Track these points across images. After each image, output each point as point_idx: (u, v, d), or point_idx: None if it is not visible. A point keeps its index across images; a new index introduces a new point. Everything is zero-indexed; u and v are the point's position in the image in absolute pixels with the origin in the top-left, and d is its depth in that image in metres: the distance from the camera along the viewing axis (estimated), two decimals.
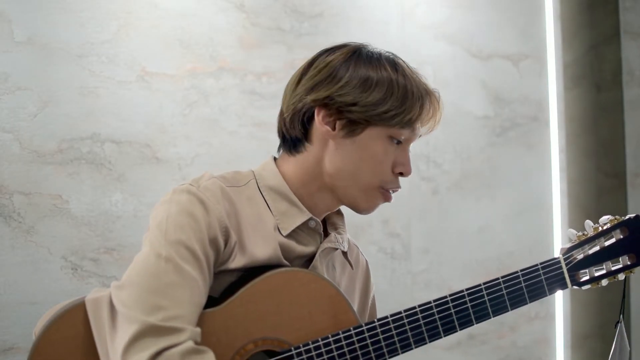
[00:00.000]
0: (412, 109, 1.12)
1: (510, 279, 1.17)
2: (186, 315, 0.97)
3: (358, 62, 1.12)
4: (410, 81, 1.13)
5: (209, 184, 1.08)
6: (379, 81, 1.10)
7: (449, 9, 2.47)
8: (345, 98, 1.10)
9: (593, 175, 2.74)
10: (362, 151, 1.12)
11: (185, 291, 0.98)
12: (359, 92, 1.10)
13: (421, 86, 1.14)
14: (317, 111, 1.12)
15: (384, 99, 1.10)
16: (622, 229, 1.22)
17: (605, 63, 2.70)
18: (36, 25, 1.67)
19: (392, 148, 1.14)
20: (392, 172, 1.15)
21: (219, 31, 1.96)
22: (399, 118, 1.11)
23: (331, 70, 1.12)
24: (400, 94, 1.11)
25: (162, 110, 1.85)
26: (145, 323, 0.93)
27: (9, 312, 1.60)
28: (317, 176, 1.15)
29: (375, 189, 1.15)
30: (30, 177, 1.65)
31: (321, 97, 1.11)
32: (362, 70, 1.11)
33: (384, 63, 1.13)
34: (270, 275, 1.08)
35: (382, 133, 1.12)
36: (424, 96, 1.14)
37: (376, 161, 1.13)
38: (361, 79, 1.11)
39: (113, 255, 1.75)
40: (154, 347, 0.92)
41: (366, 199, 1.16)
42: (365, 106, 1.10)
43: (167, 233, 1.01)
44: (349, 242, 1.29)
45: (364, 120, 1.10)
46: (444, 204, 2.44)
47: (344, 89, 1.10)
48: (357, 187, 1.14)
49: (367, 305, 1.35)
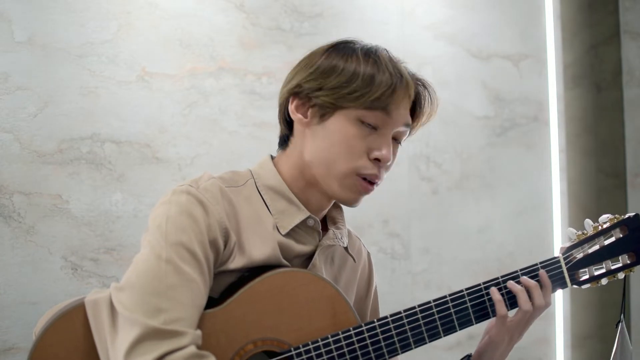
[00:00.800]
0: (379, 89, 1.09)
1: (509, 278, 1.17)
2: (187, 318, 0.97)
3: (331, 53, 1.14)
4: (381, 67, 1.11)
5: (209, 184, 1.08)
6: (345, 68, 1.11)
7: (449, 9, 2.47)
8: (311, 84, 1.12)
9: (593, 175, 2.74)
10: (332, 135, 1.11)
11: (186, 293, 0.98)
12: (324, 78, 1.11)
13: (395, 73, 1.11)
14: (291, 100, 1.15)
15: (349, 81, 1.10)
16: (621, 228, 1.22)
17: (605, 63, 2.70)
18: (36, 25, 1.67)
19: (364, 132, 1.11)
20: (367, 158, 1.11)
21: (219, 31, 1.96)
22: (364, 98, 1.09)
23: (307, 61, 1.16)
24: (366, 77, 1.10)
25: (162, 110, 1.85)
26: (147, 326, 0.93)
27: (9, 312, 1.60)
28: (302, 170, 1.16)
29: (350, 176, 1.11)
30: (30, 177, 1.65)
31: (292, 86, 1.15)
32: (333, 60, 1.13)
33: (357, 54, 1.13)
34: (269, 275, 1.08)
35: (350, 115, 1.10)
36: (395, 81, 1.11)
37: (346, 145, 1.10)
38: (328, 66, 1.12)
39: (113, 255, 1.75)
40: (157, 351, 0.92)
41: (342, 187, 1.12)
42: (331, 89, 1.10)
43: (168, 234, 1.01)
44: (350, 235, 1.30)
45: (331, 104, 1.11)
46: (444, 204, 2.44)
47: (311, 75, 1.13)
48: (333, 174, 1.12)
49: (370, 296, 1.36)
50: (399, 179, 2.33)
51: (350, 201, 1.15)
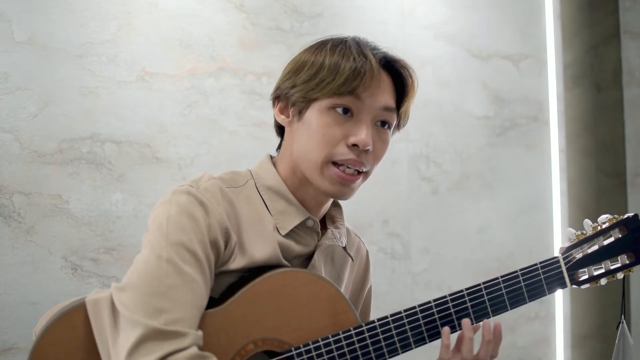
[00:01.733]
0: (343, 74, 1.09)
1: (509, 278, 1.17)
2: (188, 318, 0.97)
3: (306, 51, 1.16)
4: (346, 54, 1.11)
5: (209, 185, 1.08)
6: (313, 62, 1.13)
7: (449, 9, 2.47)
8: (286, 84, 1.15)
9: (593, 175, 2.74)
10: (309, 128, 1.12)
11: (187, 293, 0.98)
12: (295, 75, 1.14)
13: (360, 57, 1.11)
14: (275, 104, 1.19)
15: (315, 73, 1.11)
16: (620, 228, 1.22)
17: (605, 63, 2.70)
18: (36, 25, 1.67)
19: (339, 120, 1.11)
20: (345, 144, 1.11)
21: (219, 31, 1.96)
22: (330, 86, 1.10)
23: (287, 65, 1.19)
24: (331, 66, 1.11)
25: (162, 110, 1.85)
26: (149, 327, 0.93)
27: (9, 312, 1.60)
28: (295, 168, 1.17)
29: (326, 164, 1.11)
30: (30, 177, 1.65)
31: (274, 90, 1.19)
32: (305, 57, 1.15)
33: (327, 48, 1.14)
34: (270, 275, 1.08)
35: (322, 105, 1.11)
36: (359, 65, 1.10)
37: (321, 134, 1.11)
38: (298, 63, 1.15)
39: (113, 255, 1.75)
40: (159, 352, 0.93)
41: (323, 179, 1.12)
42: (302, 84, 1.12)
43: (168, 234, 1.01)
44: (348, 233, 1.30)
45: (303, 98, 1.12)
46: (444, 204, 2.44)
47: (286, 75, 1.16)
48: (312, 166, 1.12)
49: (363, 294, 1.36)
50: (399, 179, 2.33)
51: (337, 194, 1.14)
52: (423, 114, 2.38)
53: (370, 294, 1.39)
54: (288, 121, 1.16)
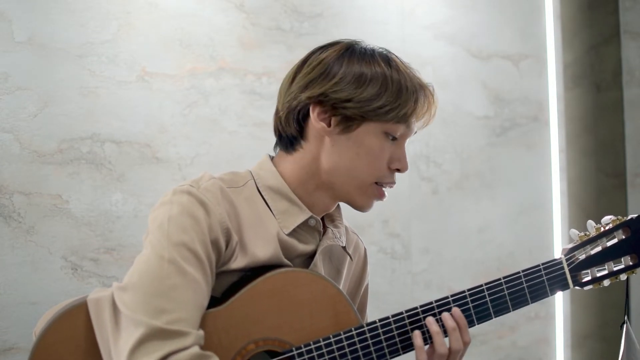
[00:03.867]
0: (407, 103, 1.11)
1: (511, 279, 1.17)
2: (190, 318, 0.97)
3: (351, 58, 1.13)
4: (404, 76, 1.13)
5: (209, 184, 1.08)
6: (373, 77, 1.11)
7: (449, 9, 2.47)
8: (339, 94, 1.11)
9: (593, 175, 2.74)
10: (357, 147, 1.12)
11: (189, 293, 0.98)
12: (354, 88, 1.10)
13: (415, 80, 1.14)
14: (312, 108, 1.13)
15: (379, 94, 1.10)
16: (624, 230, 1.22)
17: (605, 63, 2.70)
18: (36, 25, 1.67)
19: (387, 144, 1.14)
20: (387, 168, 1.15)
21: (219, 31, 1.96)
22: (393, 113, 1.10)
23: (325, 67, 1.13)
24: (394, 88, 1.11)
25: (162, 110, 1.85)
26: (150, 326, 0.93)
27: (9, 312, 1.60)
28: (314, 174, 1.15)
29: (370, 185, 1.15)
30: (30, 177, 1.64)
31: (316, 94, 1.12)
32: (356, 66, 1.12)
33: (377, 59, 1.13)
34: (271, 275, 1.08)
35: (377, 129, 1.12)
36: (418, 90, 1.13)
37: (372, 157, 1.13)
38: (355, 74, 1.11)
39: (113, 255, 1.74)
40: (161, 351, 0.93)
41: (362, 196, 1.16)
42: (360, 102, 1.10)
43: (170, 234, 1.01)
44: (347, 231, 1.30)
45: (359, 116, 1.11)
46: (444, 204, 2.44)
47: (339, 85, 1.11)
48: (354, 183, 1.14)
49: (360, 292, 1.36)
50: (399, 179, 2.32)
51: (365, 207, 1.18)
52: None
53: (367, 292, 1.39)
54: (327, 130, 1.13)
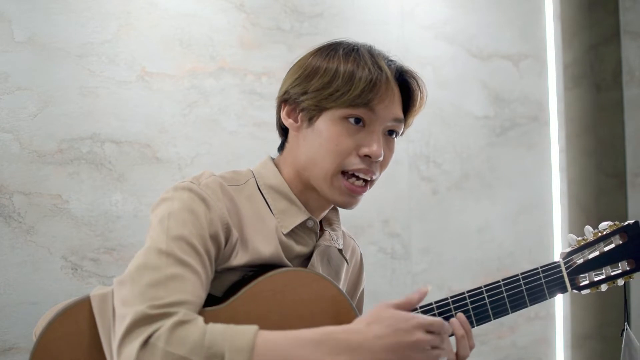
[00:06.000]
0: (359, 86, 1.09)
1: (510, 282, 1.18)
2: (185, 302, 0.95)
3: (316, 56, 1.16)
4: (360, 64, 1.11)
5: (210, 181, 1.09)
6: (327, 68, 1.12)
7: (449, 9, 2.47)
8: (296, 89, 1.14)
9: (593, 175, 2.74)
10: (319, 137, 1.12)
11: (186, 282, 0.97)
12: (308, 81, 1.13)
13: (375, 68, 1.11)
14: (282, 107, 1.18)
15: (330, 82, 1.11)
16: (621, 235, 1.23)
17: (605, 63, 2.70)
18: (36, 25, 1.67)
19: (351, 130, 1.11)
20: (357, 155, 1.12)
21: (219, 31, 1.96)
22: (346, 97, 1.10)
23: (295, 67, 1.18)
24: (346, 75, 1.10)
25: (162, 110, 1.85)
26: (138, 313, 0.92)
27: (9, 312, 1.60)
28: (300, 173, 1.17)
29: (335, 175, 1.12)
30: (30, 177, 1.65)
31: (281, 93, 1.18)
32: (315, 62, 1.14)
33: (339, 54, 1.13)
34: (272, 275, 1.08)
35: (334, 115, 1.11)
36: (375, 76, 1.10)
37: (333, 143, 1.11)
38: (312, 68, 1.14)
39: (113, 255, 1.75)
40: (145, 333, 0.91)
41: (330, 188, 1.13)
42: (314, 92, 1.12)
43: (169, 229, 1.01)
44: (344, 235, 1.31)
45: (315, 106, 1.12)
46: (444, 204, 2.44)
47: (297, 80, 1.15)
48: (321, 175, 1.13)
49: (356, 296, 1.37)
50: (399, 179, 2.33)
51: (344, 204, 1.16)
52: (423, 114, 2.36)
53: (362, 296, 1.39)
54: (296, 126, 1.16)
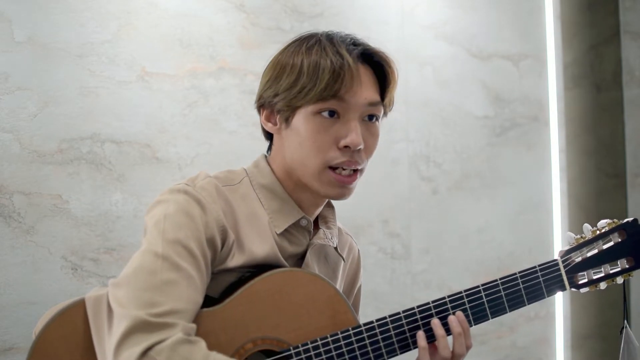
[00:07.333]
0: (324, 78, 1.08)
1: (508, 280, 1.17)
2: (181, 311, 0.96)
3: (283, 53, 1.15)
4: (322, 56, 1.10)
5: (205, 183, 1.09)
6: (292, 67, 1.11)
7: (449, 9, 2.47)
8: (268, 92, 1.14)
9: (593, 175, 2.74)
10: (298, 136, 1.12)
11: (182, 288, 0.98)
12: (277, 82, 1.13)
13: (336, 57, 1.10)
14: (261, 112, 1.19)
15: (296, 80, 1.10)
16: (620, 233, 1.22)
17: (605, 63, 2.70)
18: (36, 25, 1.67)
19: (327, 123, 1.10)
20: (337, 148, 1.11)
21: (219, 31, 1.96)
22: (313, 92, 1.09)
23: (266, 69, 1.18)
24: (310, 71, 1.09)
25: (162, 110, 1.85)
26: (137, 318, 0.93)
27: (9, 312, 1.60)
28: (289, 173, 1.16)
29: (323, 170, 1.12)
30: (30, 177, 1.65)
31: (257, 98, 1.19)
32: (283, 60, 1.14)
33: (302, 49, 1.13)
34: (269, 275, 1.08)
35: (307, 112, 1.11)
36: (337, 66, 1.09)
37: (312, 141, 1.11)
38: (279, 69, 1.13)
39: (113, 255, 1.75)
40: (145, 343, 0.91)
41: (320, 183, 1.12)
42: (284, 92, 1.11)
43: (165, 232, 1.01)
44: (340, 232, 1.30)
45: (288, 106, 1.12)
46: (444, 204, 2.44)
47: (267, 83, 1.15)
48: (308, 172, 1.12)
49: (353, 293, 1.36)
50: (399, 179, 2.33)
51: (336, 195, 1.14)
52: (423, 114, 2.38)
53: (360, 293, 1.39)
54: (276, 129, 1.16)
